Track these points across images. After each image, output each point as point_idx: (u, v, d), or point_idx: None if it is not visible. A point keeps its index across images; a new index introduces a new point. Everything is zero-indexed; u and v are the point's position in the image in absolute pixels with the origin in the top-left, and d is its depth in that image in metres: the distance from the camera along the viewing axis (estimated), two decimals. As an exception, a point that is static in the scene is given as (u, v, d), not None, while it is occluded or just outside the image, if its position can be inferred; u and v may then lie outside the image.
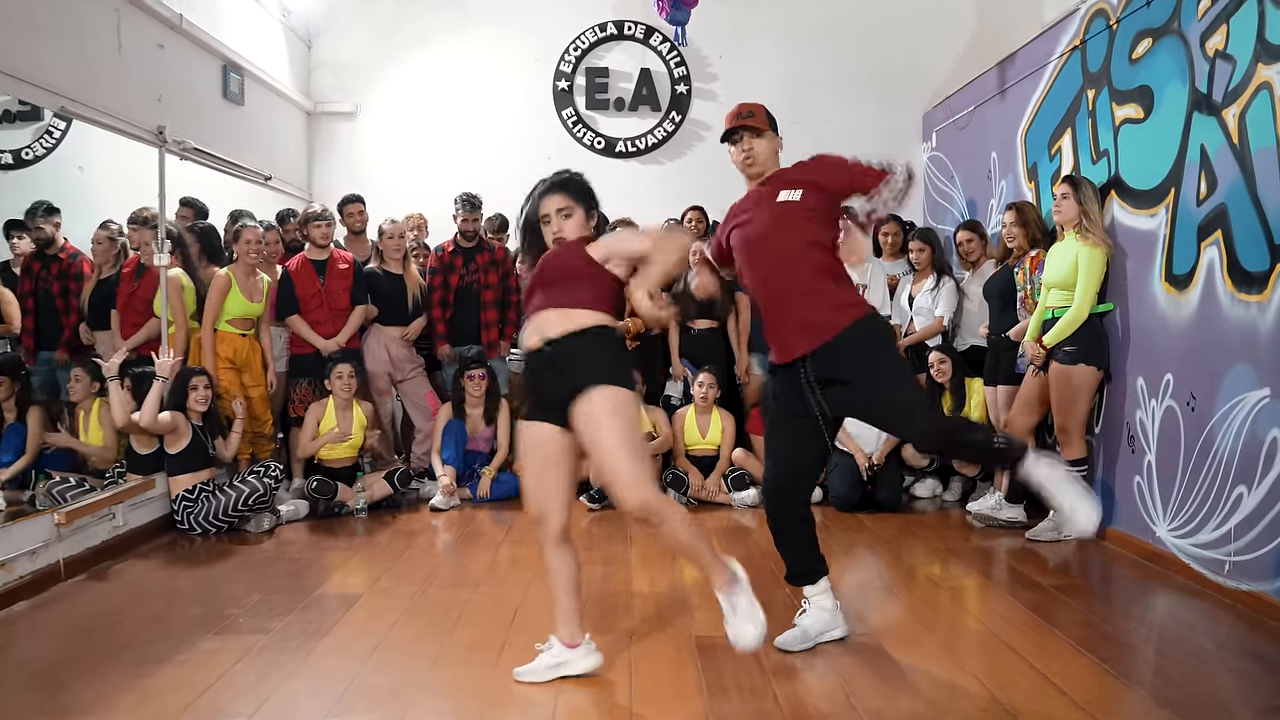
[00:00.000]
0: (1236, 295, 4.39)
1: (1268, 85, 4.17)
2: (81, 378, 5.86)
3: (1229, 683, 3.63)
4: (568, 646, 3.59)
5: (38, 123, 6.74)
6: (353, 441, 6.58)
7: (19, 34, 4.84)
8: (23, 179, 6.76)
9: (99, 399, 5.83)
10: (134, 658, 3.79)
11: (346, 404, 6.57)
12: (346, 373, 6.54)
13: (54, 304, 6.37)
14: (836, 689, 3.49)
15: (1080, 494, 3.59)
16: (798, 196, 3.76)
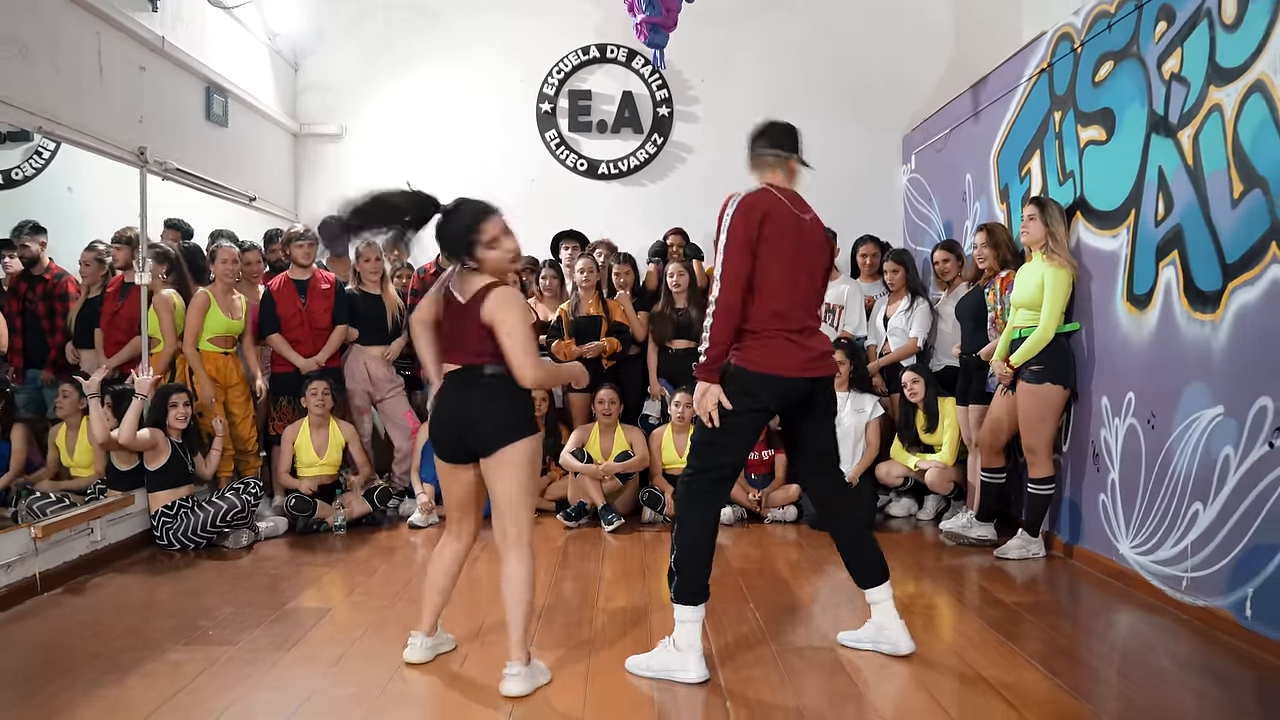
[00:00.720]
0: (1192, 314, 4.47)
1: (1219, 107, 4.26)
2: (69, 394, 5.93)
3: (1187, 702, 3.66)
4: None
5: (27, 143, 6.83)
6: (329, 459, 6.63)
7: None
8: (12, 199, 6.85)
9: (85, 416, 5.89)
10: (102, 668, 3.85)
11: (322, 421, 6.65)
12: (321, 389, 6.61)
13: (40, 324, 6.44)
14: (792, 704, 3.53)
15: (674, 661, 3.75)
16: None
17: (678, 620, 3.77)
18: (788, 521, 6.70)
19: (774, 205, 3.78)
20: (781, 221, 3.76)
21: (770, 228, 3.72)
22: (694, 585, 3.75)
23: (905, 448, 6.76)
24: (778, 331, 3.76)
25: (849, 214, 8.02)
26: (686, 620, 3.75)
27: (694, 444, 3.89)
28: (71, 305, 6.47)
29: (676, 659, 3.73)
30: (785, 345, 3.77)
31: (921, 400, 6.60)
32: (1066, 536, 5.63)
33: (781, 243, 3.73)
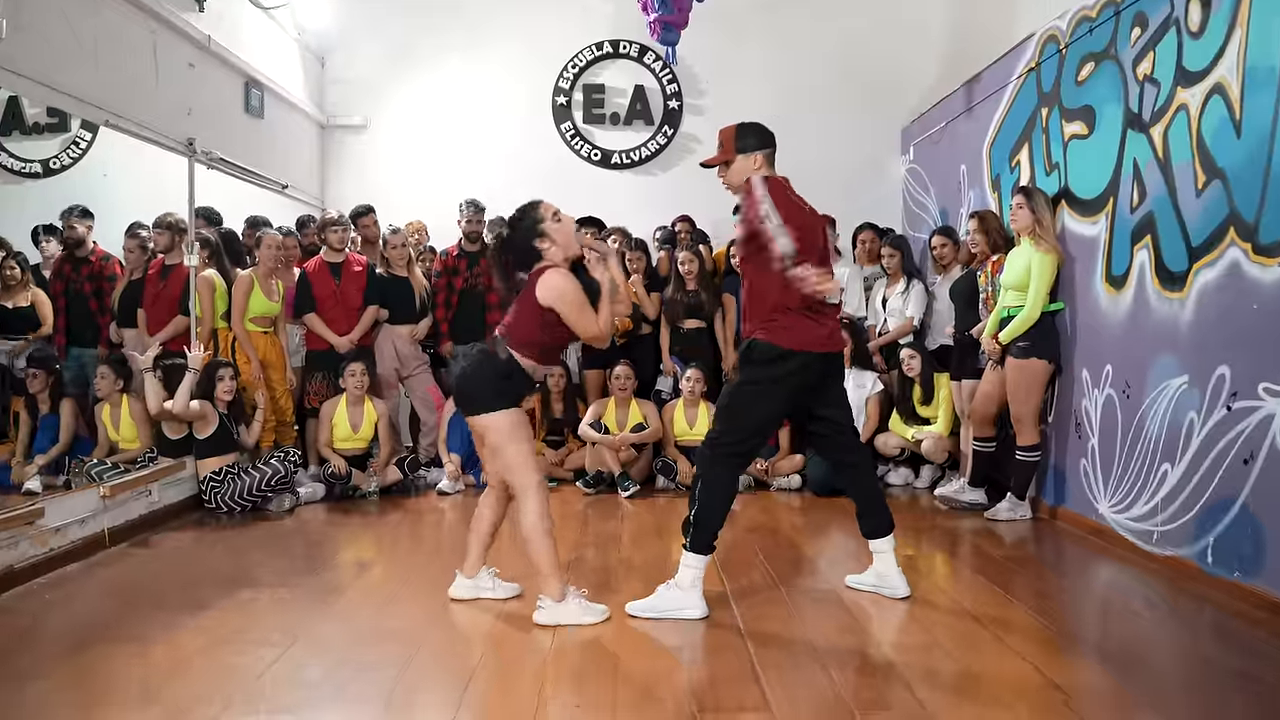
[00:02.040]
0: (1162, 293, 4.92)
1: (1185, 107, 4.71)
2: (106, 375, 6.31)
3: (1156, 633, 4.14)
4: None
5: (65, 134, 7.21)
6: (363, 434, 7.08)
7: (67, 54, 5.35)
8: (51, 187, 7.22)
9: (125, 395, 6.31)
10: (179, 604, 4.31)
11: (359, 400, 7.08)
12: (359, 370, 7.04)
13: (87, 304, 6.80)
14: (802, 637, 3.92)
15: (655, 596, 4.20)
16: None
17: (685, 565, 4.17)
18: (793, 489, 7.16)
19: (791, 191, 4.24)
20: (798, 206, 4.21)
21: (793, 210, 4.13)
22: (707, 537, 4.18)
23: (903, 420, 7.21)
24: (801, 309, 4.10)
25: (850, 202, 8.48)
26: (693, 566, 4.16)
27: (721, 410, 4.28)
28: (116, 285, 6.89)
29: (681, 598, 4.14)
30: (809, 323, 4.14)
31: (918, 375, 7.05)
32: (1051, 499, 6.08)
33: (801, 224, 4.10)
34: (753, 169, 4.24)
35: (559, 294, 4.03)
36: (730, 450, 4.22)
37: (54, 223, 6.78)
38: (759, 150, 4.26)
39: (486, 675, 3.53)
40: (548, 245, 4.10)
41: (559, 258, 4.13)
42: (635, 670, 3.58)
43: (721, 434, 4.21)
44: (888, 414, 7.32)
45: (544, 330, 4.08)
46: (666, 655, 3.78)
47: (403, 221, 8.16)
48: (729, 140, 4.29)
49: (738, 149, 4.26)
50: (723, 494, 4.23)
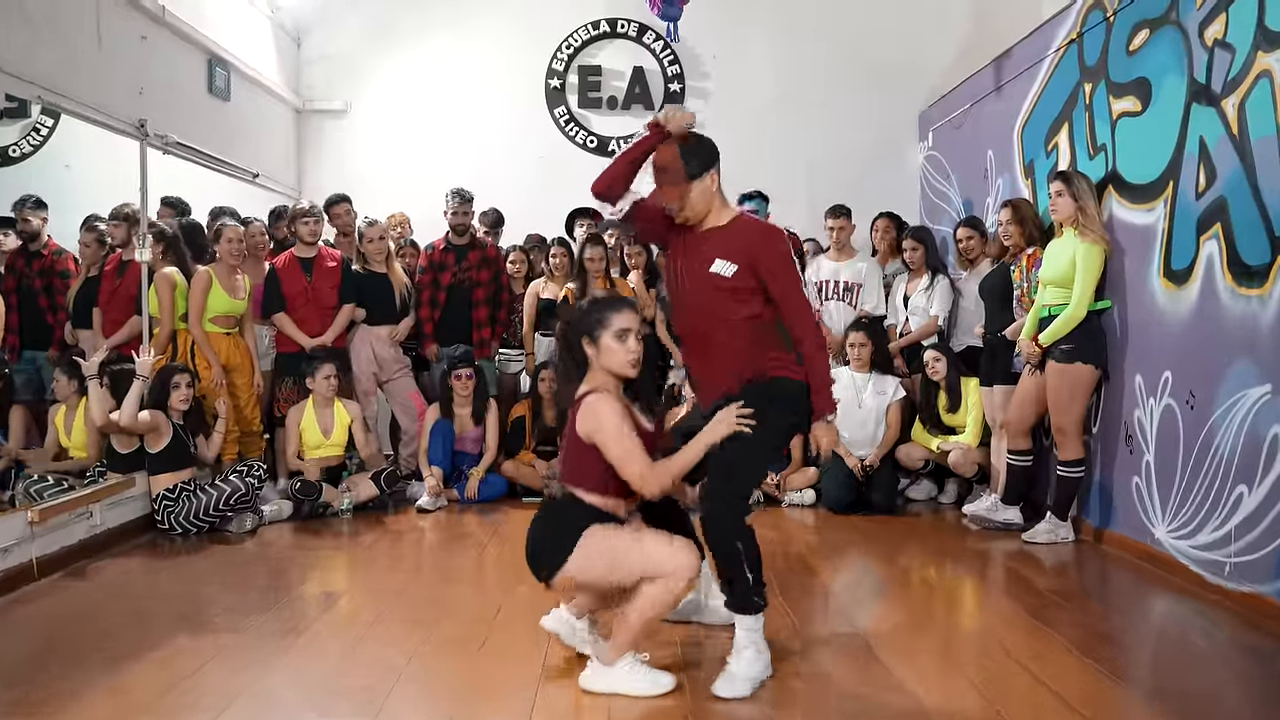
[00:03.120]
0: (1237, 289, 4.31)
1: (1268, 73, 4.09)
2: (60, 378, 5.81)
3: (1230, 686, 3.56)
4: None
5: (25, 119, 6.69)
6: (335, 440, 6.49)
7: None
8: (9, 176, 6.71)
9: (83, 397, 5.73)
10: (106, 655, 3.70)
11: (328, 402, 6.49)
12: (331, 372, 6.46)
13: (38, 301, 6.32)
14: (821, 690, 3.41)
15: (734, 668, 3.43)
16: (730, 274, 3.52)
17: (756, 628, 3.49)
18: (805, 505, 6.56)
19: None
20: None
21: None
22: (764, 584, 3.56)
23: (927, 429, 6.62)
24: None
25: (863, 192, 7.88)
26: (762, 622, 3.52)
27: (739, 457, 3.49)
28: (71, 283, 6.33)
29: (766, 659, 3.49)
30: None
31: (944, 379, 6.45)
32: (1096, 521, 5.48)
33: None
34: (712, 192, 3.57)
35: (598, 426, 3.31)
36: (740, 499, 3.59)
37: (9, 214, 6.31)
38: (712, 167, 3.56)
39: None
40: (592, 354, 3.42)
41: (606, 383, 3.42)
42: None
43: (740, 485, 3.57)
44: (910, 423, 6.71)
45: (602, 464, 3.36)
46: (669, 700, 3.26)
47: (385, 213, 7.59)
48: (676, 168, 3.54)
49: (689, 175, 3.52)
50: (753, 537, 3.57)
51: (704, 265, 3.54)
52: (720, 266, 3.51)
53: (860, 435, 6.55)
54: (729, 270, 3.51)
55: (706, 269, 3.53)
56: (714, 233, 3.59)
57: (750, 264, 3.51)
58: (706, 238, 3.60)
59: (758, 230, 3.64)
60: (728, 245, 3.54)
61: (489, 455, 6.78)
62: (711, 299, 3.55)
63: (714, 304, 3.55)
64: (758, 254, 3.52)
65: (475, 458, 6.81)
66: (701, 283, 3.56)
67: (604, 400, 3.32)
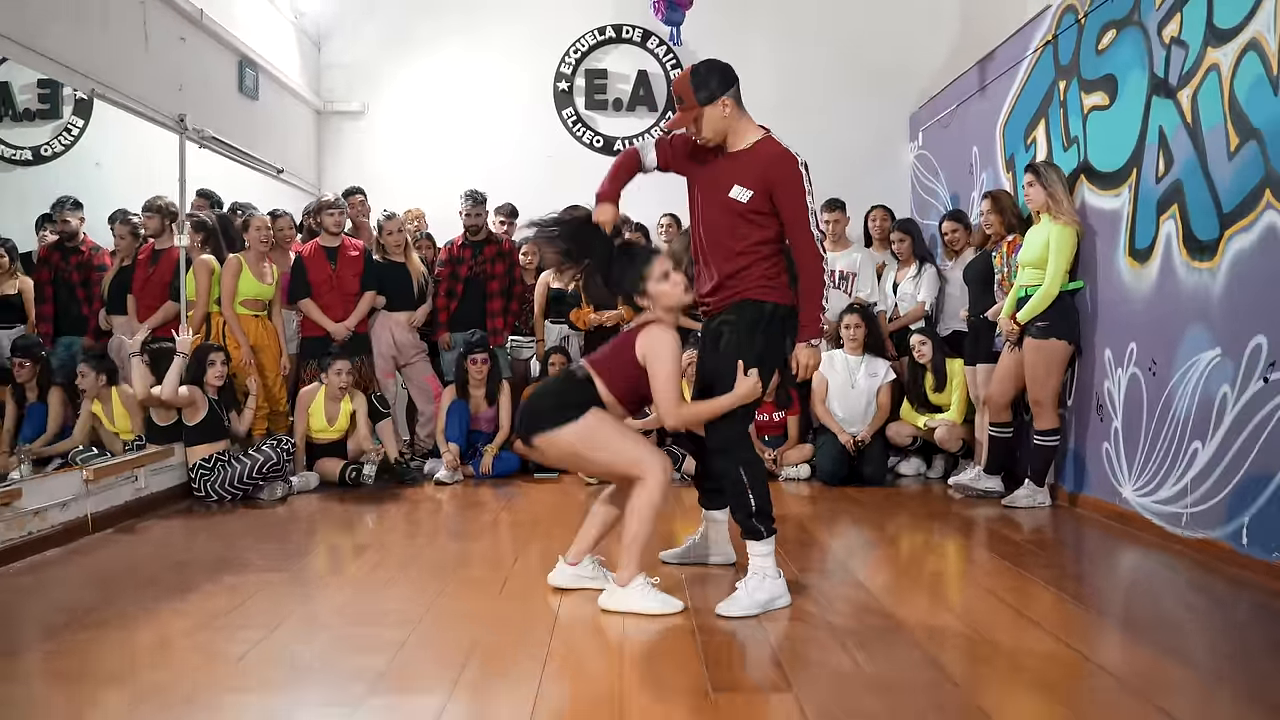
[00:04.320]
0: (1191, 263, 4.71)
1: (1216, 67, 4.50)
2: (87, 374, 6.02)
3: (1184, 615, 3.94)
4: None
5: (57, 120, 7.04)
6: (339, 426, 6.84)
7: (53, 19, 5.17)
8: (42, 175, 7.06)
9: (114, 388, 6.06)
10: (161, 591, 4.08)
11: (338, 397, 6.83)
12: (345, 370, 6.78)
13: (75, 294, 6.62)
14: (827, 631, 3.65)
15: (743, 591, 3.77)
16: (746, 199, 3.78)
17: (763, 555, 3.83)
18: (801, 479, 6.94)
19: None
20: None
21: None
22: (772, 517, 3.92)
23: (915, 408, 7.00)
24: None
25: (857, 189, 8.24)
26: (769, 552, 3.85)
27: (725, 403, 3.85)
28: (106, 274, 6.68)
29: (775, 586, 3.82)
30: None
31: (929, 361, 6.83)
32: (1071, 486, 5.86)
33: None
34: (723, 116, 3.78)
35: (655, 353, 3.75)
36: (743, 433, 4.01)
37: (48, 212, 6.61)
38: (725, 93, 3.77)
39: (485, 656, 3.30)
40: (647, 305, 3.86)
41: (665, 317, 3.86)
42: (644, 652, 3.38)
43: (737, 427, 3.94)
44: (899, 403, 7.10)
45: (636, 380, 3.82)
46: (678, 639, 3.54)
47: (401, 209, 7.96)
48: (687, 93, 3.78)
49: (700, 100, 3.76)
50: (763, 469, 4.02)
51: (723, 191, 3.80)
52: (738, 192, 3.77)
53: (853, 414, 6.94)
54: (745, 195, 3.76)
55: (725, 194, 3.80)
56: (734, 158, 3.83)
57: (765, 188, 3.76)
58: (727, 163, 3.84)
59: (774, 155, 3.79)
60: (746, 171, 3.78)
61: (502, 433, 7.15)
62: (729, 223, 3.82)
63: (731, 228, 3.83)
64: (772, 178, 3.76)
65: (489, 436, 7.19)
66: (720, 208, 3.83)
67: (667, 332, 3.78)
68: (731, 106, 3.79)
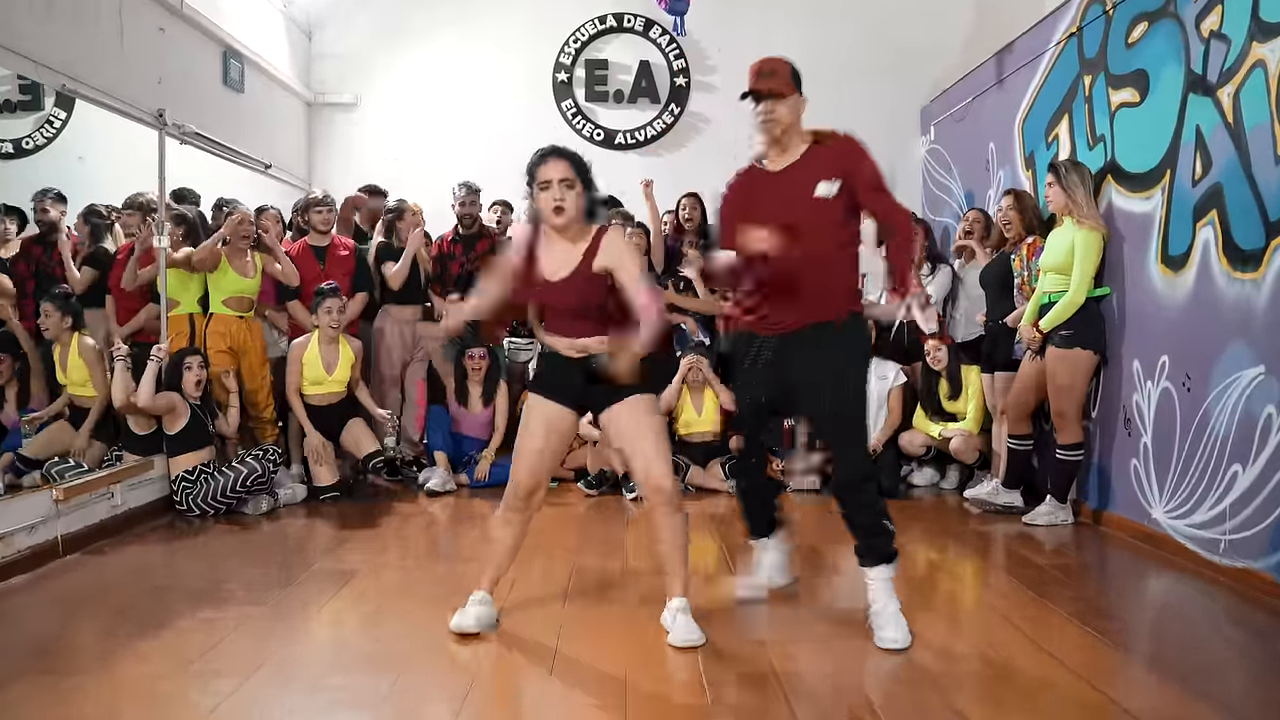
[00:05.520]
0: (1232, 274, 4.42)
1: (1262, 63, 4.20)
2: (51, 313, 5.69)
3: (1224, 654, 3.67)
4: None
5: (39, 112, 6.78)
6: (338, 377, 6.52)
7: (22, 12, 4.87)
8: (24, 168, 6.80)
9: (75, 333, 5.73)
10: (132, 626, 3.80)
11: (333, 339, 6.50)
12: (336, 308, 6.46)
13: (58, 286, 6.37)
14: (830, 662, 3.50)
15: (894, 615, 3.62)
16: (834, 192, 3.58)
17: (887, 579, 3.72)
18: (811, 490, 6.67)
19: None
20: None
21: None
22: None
23: (928, 416, 6.71)
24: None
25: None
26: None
27: (852, 422, 3.72)
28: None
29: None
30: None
31: (945, 367, 6.55)
32: (1095, 503, 5.58)
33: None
34: (799, 113, 3.69)
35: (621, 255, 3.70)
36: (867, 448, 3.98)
37: (12, 204, 6.30)
38: (802, 94, 3.71)
39: (479, 705, 3.04)
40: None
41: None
42: (648, 688, 3.18)
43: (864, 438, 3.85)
44: (912, 409, 6.81)
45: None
46: (682, 671, 3.33)
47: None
48: (785, 73, 3.64)
49: (796, 86, 3.67)
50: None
51: (807, 191, 3.59)
52: (825, 189, 3.58)
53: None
54: (834, 189, 3.58)
55: (810, 194, 3.59)
56: (801, 163, 3.67)
57: (844, 174, 3.59)
58: (790, 171, 3.67)
59: (839, 140, 3.70)
60: (819, 167, 3.62)
61: (498, 436, 6.88)
62: (817, 224, 3.59)
63: (820, 229, 3.59)
64: (847, 162, 3.62)
65: (483, 443, 6.91)
66: (808, 211, 3.58)
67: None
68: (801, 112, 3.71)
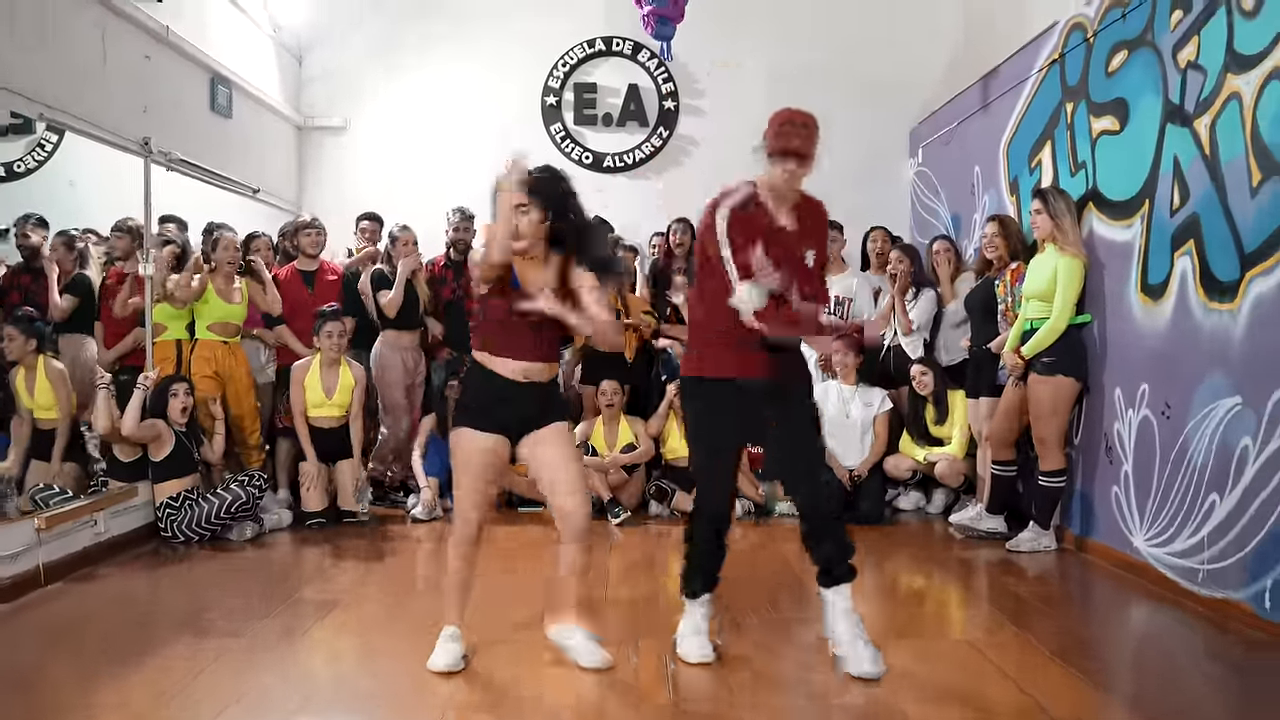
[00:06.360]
0: (1209, 304, 4.44)
1: (1237, 95, 4.23)
2: (15, 336, 5.65)
3: (1203, 690, 3.68)
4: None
5: (30, 136, 6.82)
6: (337, 401, 6.53)
7: (2, 40, 4.89)
8: (13, 192, 6.83)
9: (41, 355, 5.69)
10: (111, 659, 3.80)
11: (334, 363, 6.52)
12: (337, 331, 6.47)
13: (46, 314, 6.38)
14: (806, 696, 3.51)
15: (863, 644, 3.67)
16: (812, 260, 3.82)
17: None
18: (796, 515, 6.65)
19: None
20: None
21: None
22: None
23: (914, 441, 6.72)
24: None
25: (855, 208, 7.96)
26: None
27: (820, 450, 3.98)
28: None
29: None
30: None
31: (931, 392, 6.56)
32: (1078, 529, 5.59)
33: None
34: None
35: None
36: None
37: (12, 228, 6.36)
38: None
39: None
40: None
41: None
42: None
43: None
44: (898, 434, 6.82)
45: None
46: (664, 710, 3.33)
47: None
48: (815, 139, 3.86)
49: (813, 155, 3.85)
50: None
51: (800, 251, 3.79)
52: (809, 255, 3.82)
53: (848, 446, 6.66)
54: (811, 258, 3.83)
55: (801, 256, 3.79)
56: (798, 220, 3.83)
57: (818, 252, 3.86)
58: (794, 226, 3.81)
59: (822, 215, 3.96)
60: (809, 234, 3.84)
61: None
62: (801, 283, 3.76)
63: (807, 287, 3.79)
64: (820, 243, 3.90)
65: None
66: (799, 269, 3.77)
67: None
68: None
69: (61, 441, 5.73)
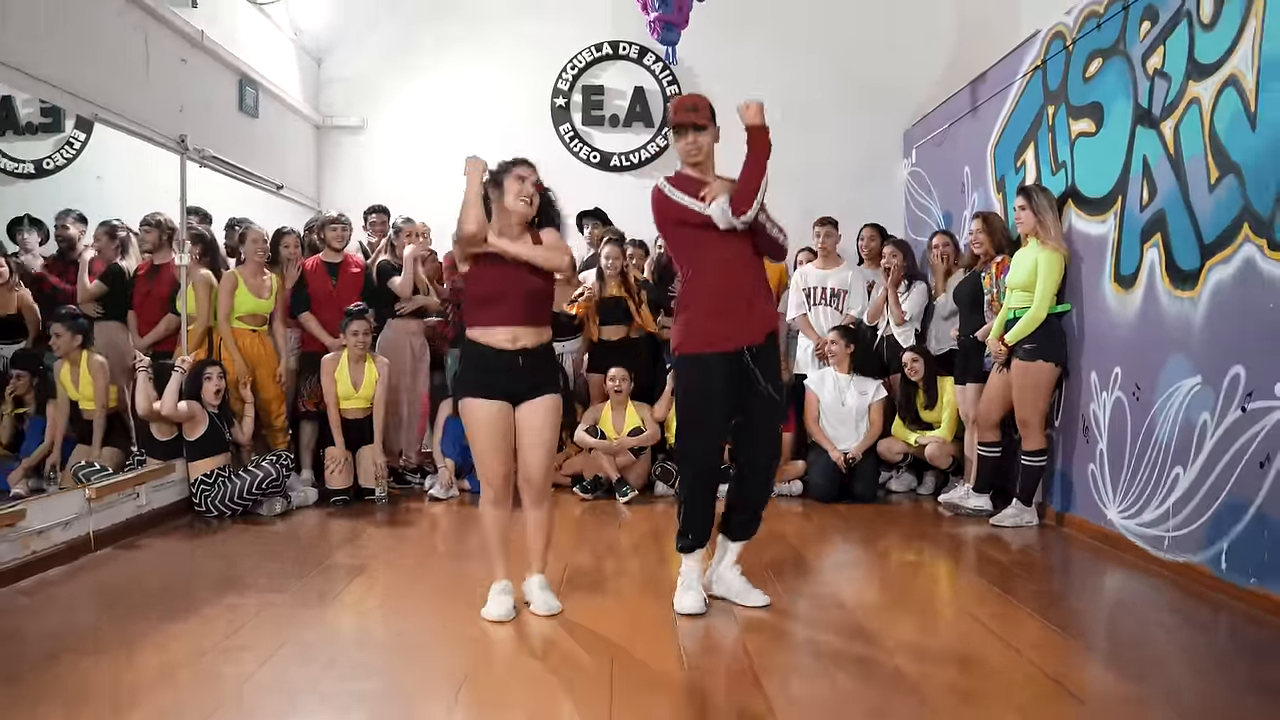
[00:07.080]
0: (1173, 292, 4.81)
1: (1197, 101, 4.60)
2: (61, 333, 5.99)
3: (1165, 639, 4.03)
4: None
5: (59, 134, 7.13)
6: (363, 394, 6.89)
7: (54, 45, 5.26)
8: (44, 188, 7.13)
9: (84, 351, 6.03)
10: (163, 610, 4.16)
11: (360, 358, 6.88)
12: (362, 329, 6.84)
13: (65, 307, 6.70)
14: (811, 655, 3.80)
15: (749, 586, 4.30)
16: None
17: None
18: (793, 495, 7.04)
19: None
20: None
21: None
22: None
23: (906, 425, 7.09)
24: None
25: (852, 206, 8.36)
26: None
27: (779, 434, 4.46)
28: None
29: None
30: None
31: (921, 379, 6.93)
32: (1058, 505, 5.96)
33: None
34: (715, 141, 4.31)
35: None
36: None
37: (32, 216, 6.62)
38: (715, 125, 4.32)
39: (479, 681, 3.41)
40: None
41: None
42: (634, 677, 3.46)
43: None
44: (891, 421, 7.18)
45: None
46: (667, 661, 3.64)
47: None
48: (707, 108, 4.29)
49: (712, 115, 4.30)
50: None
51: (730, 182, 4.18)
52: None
53: (844, 431, 7.03)
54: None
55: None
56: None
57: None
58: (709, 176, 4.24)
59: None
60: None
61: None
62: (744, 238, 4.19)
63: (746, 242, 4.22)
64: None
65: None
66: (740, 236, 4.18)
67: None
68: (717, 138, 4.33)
69: (101, 429, 6.08)
